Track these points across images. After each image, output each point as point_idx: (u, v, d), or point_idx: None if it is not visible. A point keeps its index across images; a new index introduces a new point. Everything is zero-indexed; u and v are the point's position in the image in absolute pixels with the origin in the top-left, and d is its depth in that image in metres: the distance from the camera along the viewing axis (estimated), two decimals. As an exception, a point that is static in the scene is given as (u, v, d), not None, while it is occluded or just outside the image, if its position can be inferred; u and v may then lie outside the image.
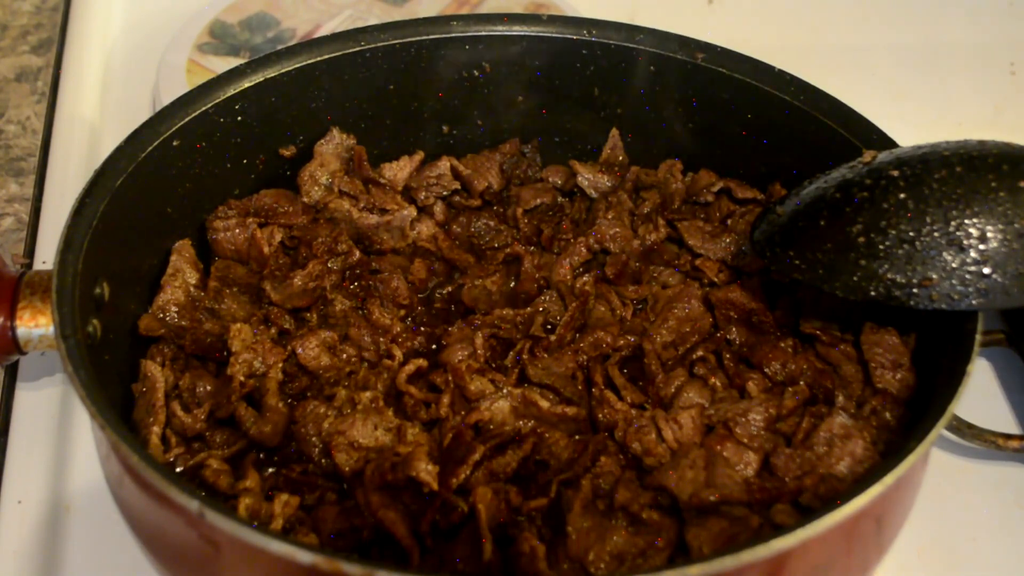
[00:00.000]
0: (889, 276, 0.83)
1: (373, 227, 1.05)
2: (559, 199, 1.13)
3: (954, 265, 0.82)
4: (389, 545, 0.78)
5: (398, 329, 0.97)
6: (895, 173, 0.87)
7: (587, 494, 0.81)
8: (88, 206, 0.87)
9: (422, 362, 0.92)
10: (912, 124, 1.08)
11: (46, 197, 1.27)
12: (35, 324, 0.91)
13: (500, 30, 1.10)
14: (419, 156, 1.11)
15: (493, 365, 0.94)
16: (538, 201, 1.11)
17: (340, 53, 1.06)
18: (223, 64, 1.37)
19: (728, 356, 0.93)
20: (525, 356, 0.93)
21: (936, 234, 0.83)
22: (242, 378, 0.88)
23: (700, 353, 0.93)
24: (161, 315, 0.94)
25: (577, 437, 0.89)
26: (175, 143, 0.97)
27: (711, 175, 1.09)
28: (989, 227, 0.82)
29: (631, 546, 0.78)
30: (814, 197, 0.91)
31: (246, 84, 1.02)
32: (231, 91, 1.01)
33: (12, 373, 1.08)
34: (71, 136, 1.36)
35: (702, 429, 0.87)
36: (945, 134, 0.93)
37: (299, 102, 1.07)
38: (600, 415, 0.89)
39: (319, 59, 1.06)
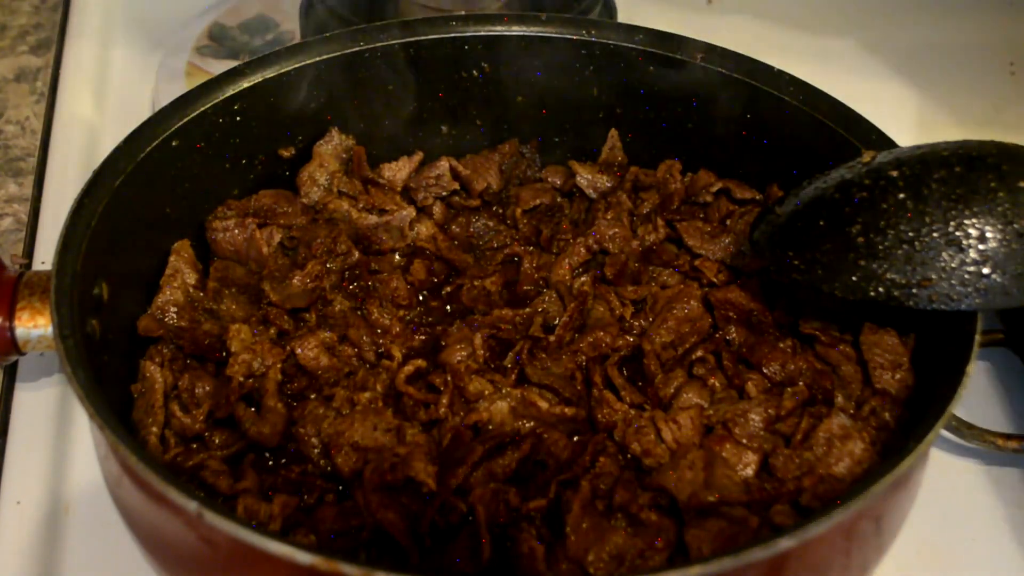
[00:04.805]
0: (888, 276, 0.83)
1: (372, 227, 1.05)
2: (558, 199, 1.13)
3: (953, 265, 0.82)
4: (388, 545, 0.78)
5: (397, 329, 0.97)
6: (894, 173, 0.87)
7: (586, 495, 0.81)
8: (87, 206, 0.87)
9: (421, 362, 0.92)
10: (912, 124, 1.08)
11: (45, 197, 1.28)
12: (34, 324, 0.91)
13: (500, 30, 1.10)
14: (418, 156, 1.11)
15: (492, 366, 0.94)
16: (537, 201, 1.11)
17: (340, 53, 1.06)
18: (222, 67, 1.37)
19: (727, 356, 0.93)
20: (524, 356, 0.93)
21: (935, 234, 0.83)
22: (241, 379, 0.88)
23: (699, 353, 0.93)
24: (160, 315, 0.94)
25: (576, 438, 0.88)
26: (174, 143, 0.97)
27: (710, 175, 1.09)
28: (988, 227, 0.82)
29: (630, 547, 0.78)
30: (813, 197, 0.91)
31: (245, 84, 1.02)
32: (230, 91, 1.01)
33: (11, 374, 1.08)
34: (70, 136, 1.36)
35: (701, 430, 0.87)
36: (945, 134, 0.93)
37: (298, 103, 1.06)
38: (599, 415, 0.89)
39: (318, 59, 1.06)
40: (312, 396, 0.91)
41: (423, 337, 0.98)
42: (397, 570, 0.64)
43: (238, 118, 1.02)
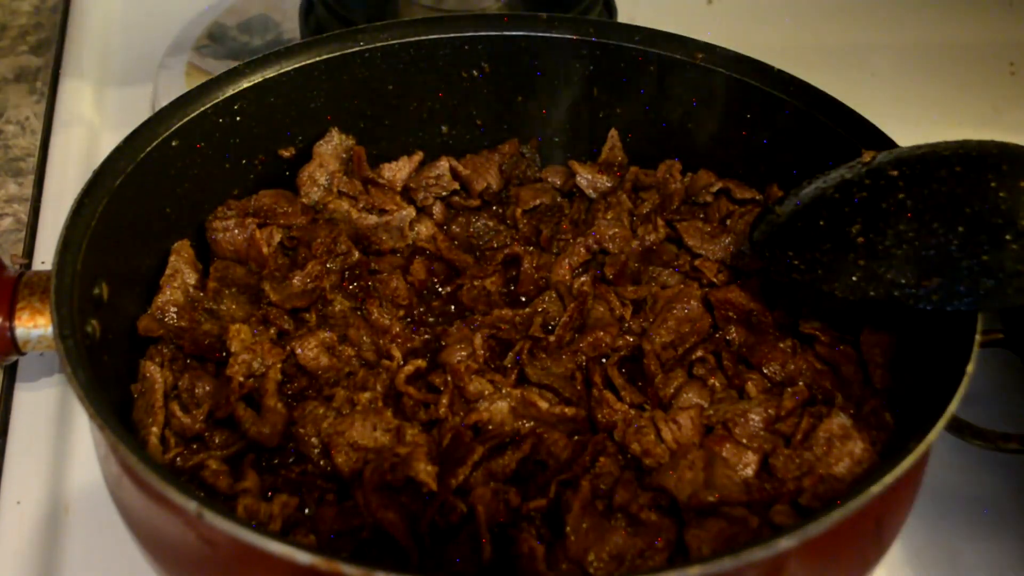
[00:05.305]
0: (888, 276, 0.83)
1: (372, 227, 1.05)
2: (558, 199, 1.13)
3: (953, 265, 0.82)
4: (388, 546, 0.78)
5: (397, 329, 0.97)
6: (894, 173, 0.87)
7: (586, 495, 0.81)
8: (87, 206, 0.87)
9: (421, 363, 0.92)
10: (912, 124, 1.08)
11: (45, 197, 1.28)
12: (34, 324, 0.91)
13: (500, 30, 1.10)
14: (418, 156, 1.11)
15: (492, 366, 0.94)
16: (537, 201, 1.11)
17: (339, 53, 1.06)
18: (222, 67, 1.37)
19: (727, 356, 0.93)
20: (524, 356, 0.93)
21: (935, 234, 0.83)
22: (241, 379, 0.88)
23: (699, 353, 0.93)
24: (160, 316, 0.94)
25: (576, 438, 0.88)
26: (174, 143, 0.97)
27: (710, 175, 1.09)
28: (988, 227, 0.82)
29: (630, 547, 0.78)
30: (813, 197, 0.91)
31: (245, 84, 1.02)
32: (230, 91, 1.01)
33: (11, 374, 1.08)
34: (70, 136, 1.36)
35: (701, 430, 0.87)
36: (945, 134, 0.93)
37: (298, 102, 1.07)
38: (599, 415, 0.89)
39: (318, 59, 1.06)
40: (312, 396, 0.90)
41: (423, 337, 0.98)
42: (397, 570, 0.64)
43: (238, 118, 1.02)
